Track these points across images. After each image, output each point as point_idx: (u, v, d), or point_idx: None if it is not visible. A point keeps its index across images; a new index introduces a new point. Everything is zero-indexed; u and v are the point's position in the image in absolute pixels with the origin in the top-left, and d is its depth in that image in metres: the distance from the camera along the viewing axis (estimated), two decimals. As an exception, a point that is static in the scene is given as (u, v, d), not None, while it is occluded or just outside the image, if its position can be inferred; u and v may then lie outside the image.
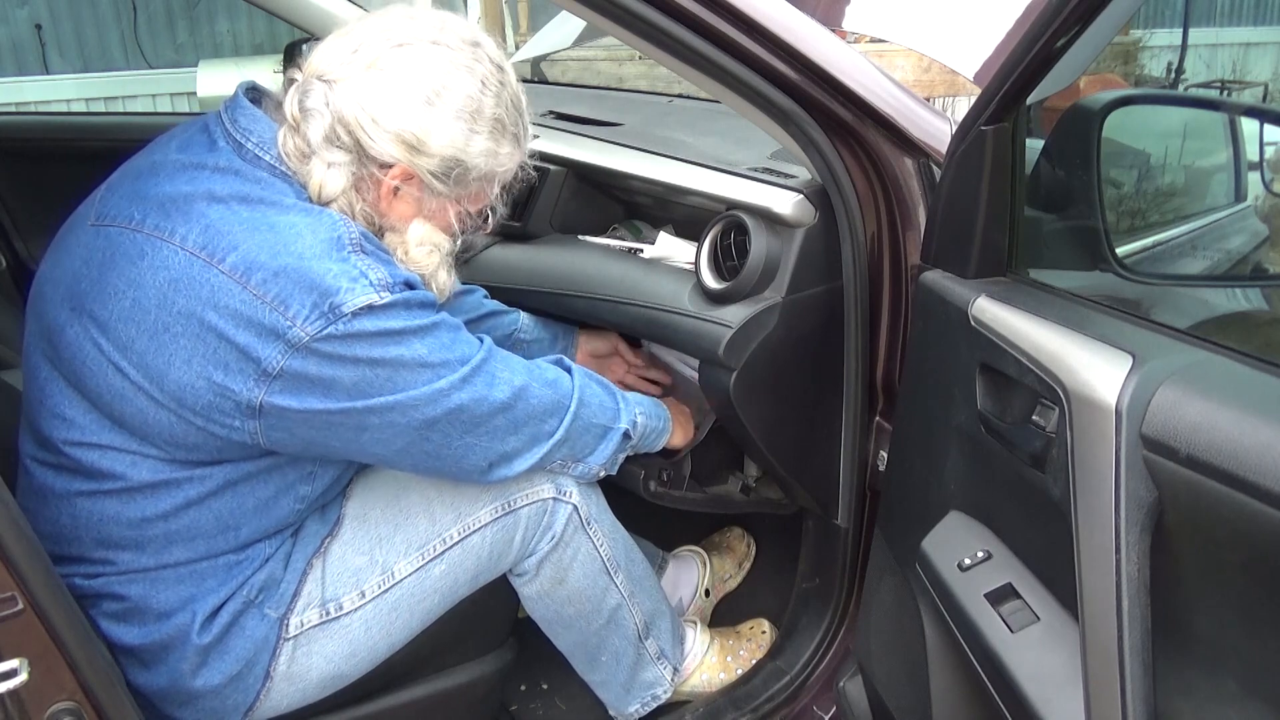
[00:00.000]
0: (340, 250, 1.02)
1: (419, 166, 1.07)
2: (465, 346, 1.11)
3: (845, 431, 1.43)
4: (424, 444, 1.10)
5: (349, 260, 1.01)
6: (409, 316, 1.04)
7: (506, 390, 1.14)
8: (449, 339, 1.09)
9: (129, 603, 1.09)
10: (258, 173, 1.06)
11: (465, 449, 1.13)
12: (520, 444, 1.19)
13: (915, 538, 1.12)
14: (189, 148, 1.08)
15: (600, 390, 1.30)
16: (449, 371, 1.08)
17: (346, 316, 0.99)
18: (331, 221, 1.04)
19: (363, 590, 1.19)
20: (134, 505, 1.06)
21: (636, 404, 1.36)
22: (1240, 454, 0.68)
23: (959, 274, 1.09)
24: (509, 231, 1.76)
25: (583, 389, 1.26)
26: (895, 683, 1.25)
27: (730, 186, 1.44)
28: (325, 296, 0.99)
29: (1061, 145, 1.19)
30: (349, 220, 1.06)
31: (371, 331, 1.01)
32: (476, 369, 1.11)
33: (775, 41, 1.17)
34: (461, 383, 1.08)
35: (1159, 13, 7.07)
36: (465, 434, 1.12)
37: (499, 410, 1.13)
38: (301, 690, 1.17)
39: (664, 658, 1.49)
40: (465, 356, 1.10)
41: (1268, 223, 1.44)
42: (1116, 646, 0.78)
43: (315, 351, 0.99)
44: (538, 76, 2.89)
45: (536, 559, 1.30)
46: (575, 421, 1.24)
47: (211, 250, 0.99)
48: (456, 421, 1.10)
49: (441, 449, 1.11)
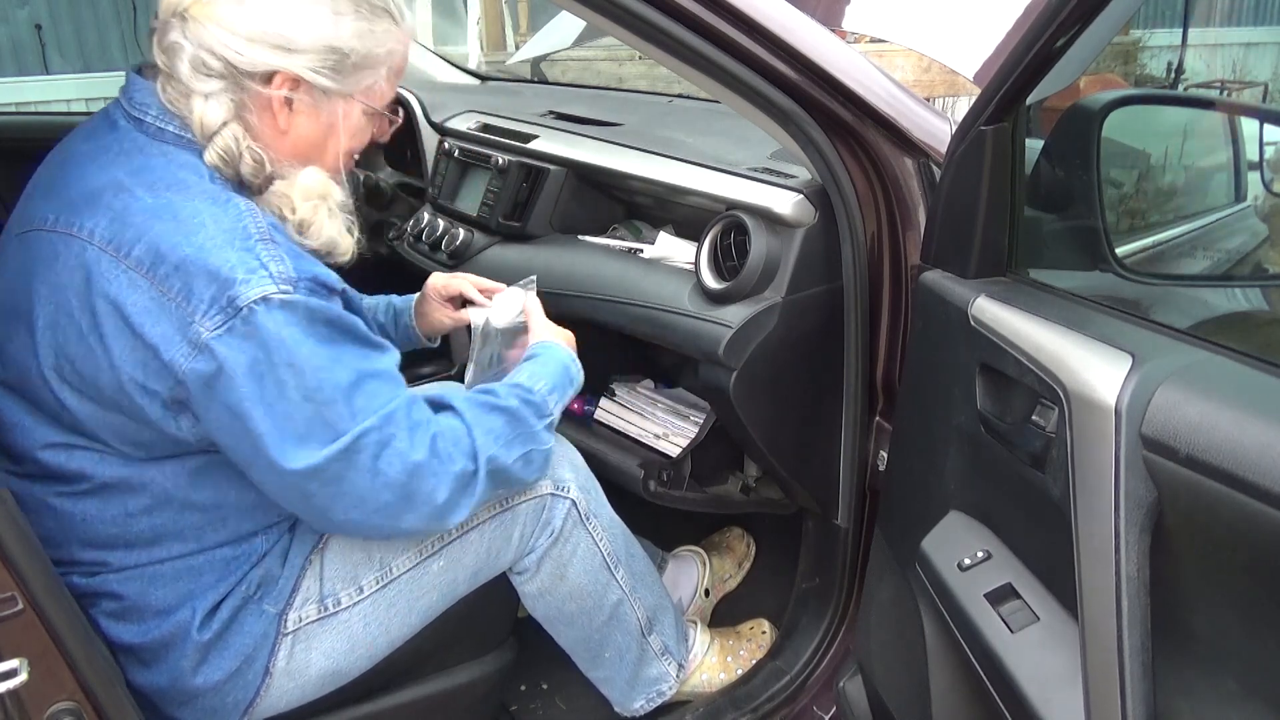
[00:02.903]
0: (245, 240, 0.98)
1: (298, 66, 1.03)
2: (376, 391, 1.02)
3: (845, 431, 1.43)
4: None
5: (252, 250, 0.97)
6: (307, 322, 0.98)
7: (397, 465, 1.03)
8: (354, 361, 1.02)
9: (126, 601, 1.09)
10: (163, 148, 1.03)
11: (348, 504, 1.04)
12: (418, 522, 1.08)
13: (915, 538, 1.12)
14: (93, 136, 1.06)
15: (494, 419, 1.14)
16: (330, 411, 0.99)
17: (243, 310, 0.95)
18: (238, 211, 1.00)
19: (361, 585, 1.19)
20: (112, 503, 1.06)
21: (541, 380, 1.21)
22: (1240, 454, 0.68)
23: (959, 274, 1.09)
24: (509, 231, 1.76)
25: (484, 453, 1.10)
26: (895, 683, 1.25)
27: (730, 186, 1.45)
28: (224, 289, 0.95)
29: (1061, 145, 1.19)
30: (256, 210, 1.01)
31: (266, 329, 0.96)
32: (385, 419, 1.02)
33: (775, 41, 1.17)
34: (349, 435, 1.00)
35: (1159, 13, 7.07)
36: (345, 490, 1.03)
37: (384, 487, 1.03)
38: (301, 687, 1.17)
39: (668, 653, 1.49)
40: (373, 403, 1.01)
41: (1268, 223, 1.44)
42: (1116, 646, 0.78)
43: (215, 348, 0.96)
44: (538, 76, 2.89)
45: (536, 556, 1.30)
46: (490, 486, 1.12)
47: (119, 243, 0.97)
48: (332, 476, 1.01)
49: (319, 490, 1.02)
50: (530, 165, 1.74)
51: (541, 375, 1.21)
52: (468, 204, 1.87)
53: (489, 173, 1.81)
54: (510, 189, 1.75)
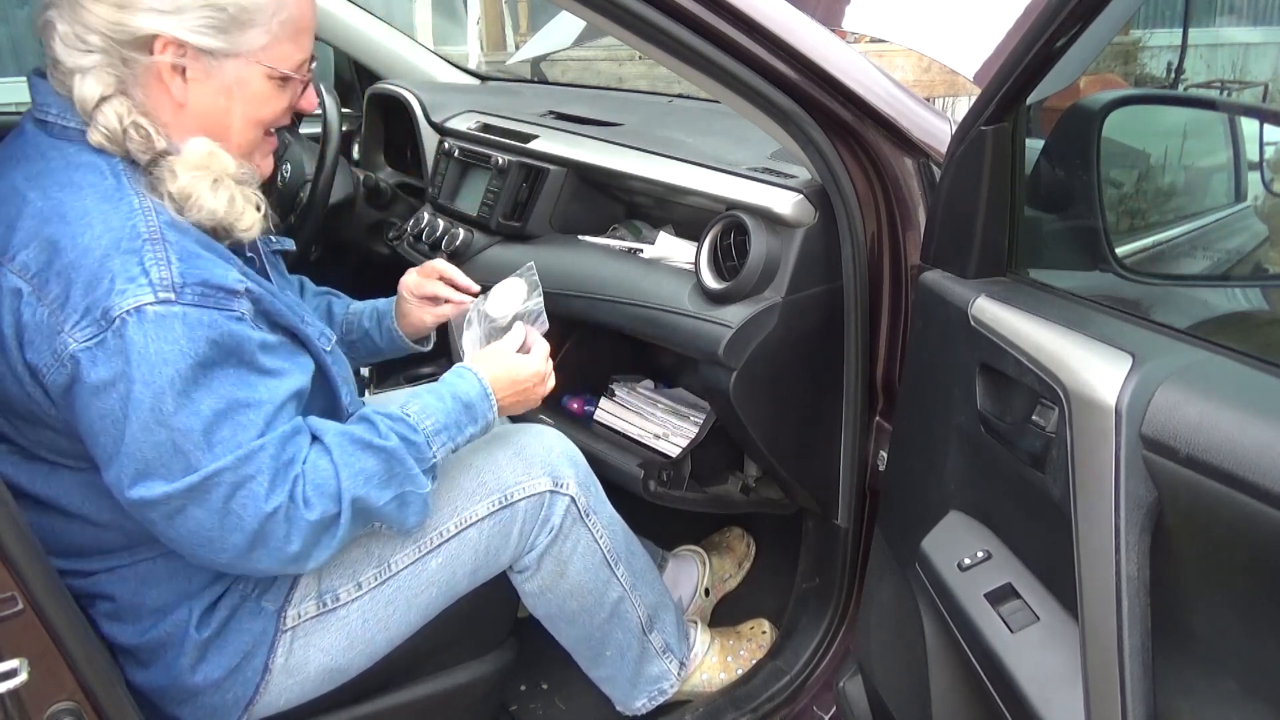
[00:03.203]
0: (132, 240, 0.93)
1: (176, 28, 0.96)
2: (246, 424, 0.96)
3: (845, 431, 1.43)
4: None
5: (137, 252, 0.92)
6: (185, 338, 0.92)
7: (250, 509, 0.97)
8: (227, 389, 0.95)
9: (120, 602, 1.09)
10: (64, 148, 0.99)
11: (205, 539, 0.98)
12: (271, 565, 1.02)
13: (915, 538, 1.12)
14: (5, 145, 1.04)
15: (368, 459, 1.05)
16: (186, 441, 0.93)
17: (115, 322, 0.91)
18: (129, 209, 0.95)
19: (359, 582, 1.19)
20: (74, 520, 1.04)
21: (430, 418, 1.11)
22: (1240, 454, 0.68)
23: (959, 274, 1.09)
24: (509, 231, 1.76)
25: (349, 494, 1.03)
26: (895, 683, 1.25)
27: (730, 186, 1.45)
28: (100, 299, 0.91)
29: (1061, 145, 1.19)
30: (151, 208, 0.96)
31: (134, 344, 0.91)
32: (243, 459, 0.96)
33: (775, 41, 1.17)
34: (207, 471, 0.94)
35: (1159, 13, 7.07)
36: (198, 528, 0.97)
37: (234, 529, 0.97)
38: (300, 684, 1.17)
39: (669, 651, 1.48)
40: (236, 439, 0.95)
41: (1268, 223, 1.44)
42: (1116, 646, 0.78)
43: (81, 359, 0.91)
44: (538, 76, 2.89)
45: (536, 553, 1.30)
46: (355, 526, 1.06)
47: (5, 248, 0.94)
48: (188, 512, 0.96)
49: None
50: (530, 165, 1.74)
51: (433, 411, 1.12)
52: (468, 204, 1.87)
53: (489, 173, 1.81)
54: (510, 189, 1.75)
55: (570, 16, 1.88)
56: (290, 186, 2.00)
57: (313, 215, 1.92)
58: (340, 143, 1.93)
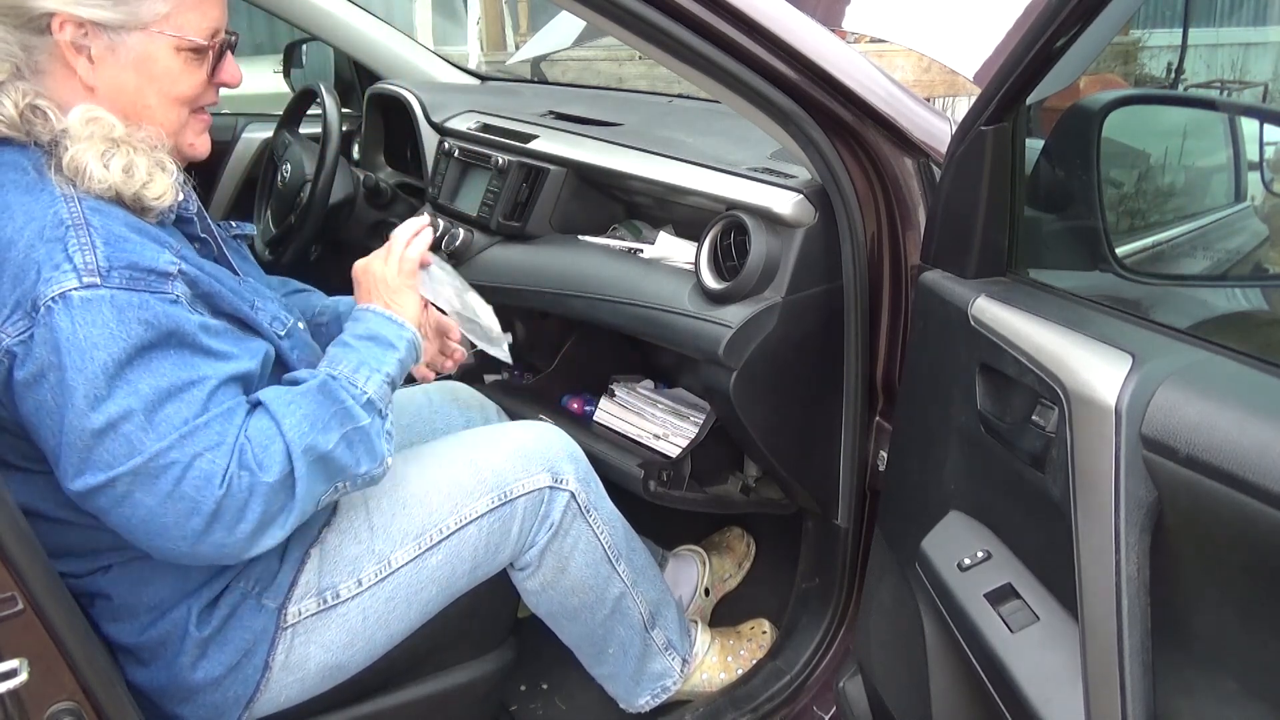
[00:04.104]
0: (56, 228, 0.92)
1: (76, 5, 0.94)
2: (190, 402, 0.94)
3: (845, 431, 1.43)
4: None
5: (61, 240, 0.91)
6: (115, 321, 0.91)
7: (205, 489, 0.94)
8: (165, 369, 0.93)
9: (117, 601, 1.09)
10: None
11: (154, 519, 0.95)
12: (235, 545, 0.98)
13: (915, 538, 1.12)
14: None
15: (305, 403, 1.02)
16: (127, 424, 0.91)
17: (41, 311, 0.90)
18: (51, 197, 0.93)
19: (360, 579, 1.19)
20: (59, 525, 1.03)
21: (342, 363, 1.09)
22: (1240, 454, 0.68)
23: (959, 274, 1.09)
24: (509, 231, 1.76)
25: (292, 437, 0.99)
26: (895, 683, 1.25)
27: (730, 186, 1.45)
28: (27, 291, 0.90)
29: (1061, 145, 1.19)
30: (74, 195, 0.94)
31: (61, 330, 0.89)
32: (186, 436, 0.93)
33: (775, 41, 1.17)
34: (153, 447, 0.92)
35: (1159, 13, 7.07)
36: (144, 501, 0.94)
37: (191, 512, 0.95)
38: (301, 681, 1.17)
39: (671, 648, 1.48)
40: (177, 418, 0.93)
41: (1268, 223, 1.44)
42: (1116, 646, 0.78)
43: (17, 352, 0.91)
44: (538, 76, 2.89)
45: (537, 550, 1.30)
46: (314, 479, 1.02)
47: None
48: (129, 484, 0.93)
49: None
50: (530, 165, 1.74)
51: (340, 359, 1.09)
52: (468, 204, 1.86)
53: (489, 173, 1.81)
54: (510, 189, 1.75)
55: (570, 16, 1.88)
56: (290, 186, 2.00)
57: (313, 215, 1.92)
58: (340, 143, 1.94)
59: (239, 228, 1.25)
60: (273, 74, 2.61)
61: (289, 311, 1.20)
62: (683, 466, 1.59)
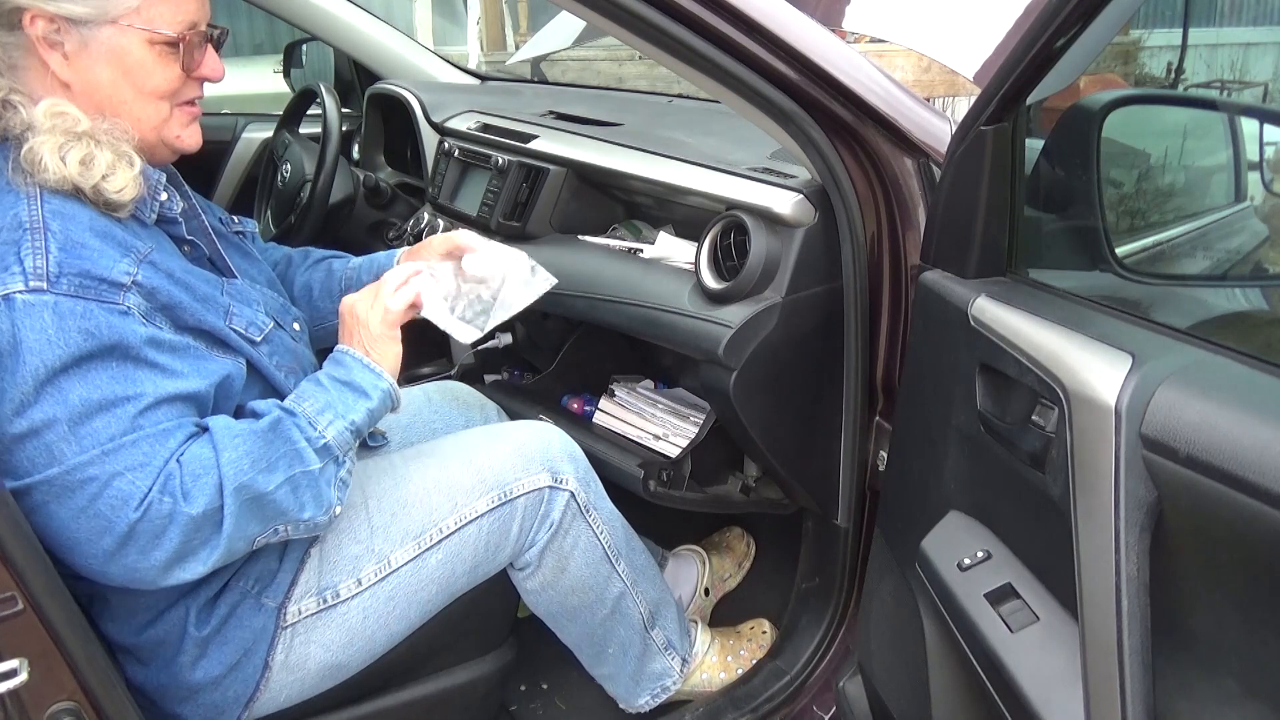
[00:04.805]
0: (13, 230, 0.91)
1: (49, 2, 0.94)
2: (120, 418, 0.92)
3: (845, 431, 1.43)
4: None
5: (15, 242, 0.91)
6: (55, 328, 0.89)
7: (121, 510, 0.91)
8: (101, 382, 0.91)
9: (114, 602, 1.09)
10: None
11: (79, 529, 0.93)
12: (151, 572, 0.96)
13: (915, 538, 1.12)
14: None
15: (252, 441, 0.99)
16: (50, 433, 0.89)
17: None
18: (14, 198, 0.93)
19: (359, 578, 1.19)
20: None
21: (309, 400, 1.06)
22: (1240, 454, 0.68)
23: (959, 274, 1.09)
24: (509, 231, 1.76)
25: (228, 466, 0.96)
26: (895, 683, 1.25)
27: (730, 186, 1.45)
28: None
29: (1061, 145, 1.19)
30: (36, 195, 0.93)
31: (1, 332, 0.88)
32: (109, 452, 0.91)
33: (775, 41, 1.17)
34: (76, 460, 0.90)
35: (1159, 13, 7.07)
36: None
37: (103, 531, 0.92)
38: (300, 680, 1.17)
39: (671, 648, 1.49)
40: (103, 433, 0.91)
41: (1268, 223, 1.44)
42: (1116, 646, 0.78)
43: None
44: (538, 76, 2.90)
45: (537, 550, 1.30)
46: (244, 519, 0.99)
47: None
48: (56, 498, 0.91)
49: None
50: (530, 165, 1.74)
51: (309, 395, 1.07)
52: (468, 204, 1.87)
53: (489, 173, 1.81)
54: (510, 189, 1.75)
55: (570, 16, 1.88)
56: (290, 186, 2.00)
57: (313, 215, 1.92)
58: (340, 143, 1.94)
59: (241, 224, 1.24)
60: (273, 74, 2.61)
61: (279, 313, 1.19)
62: (683, 466, 1.59)
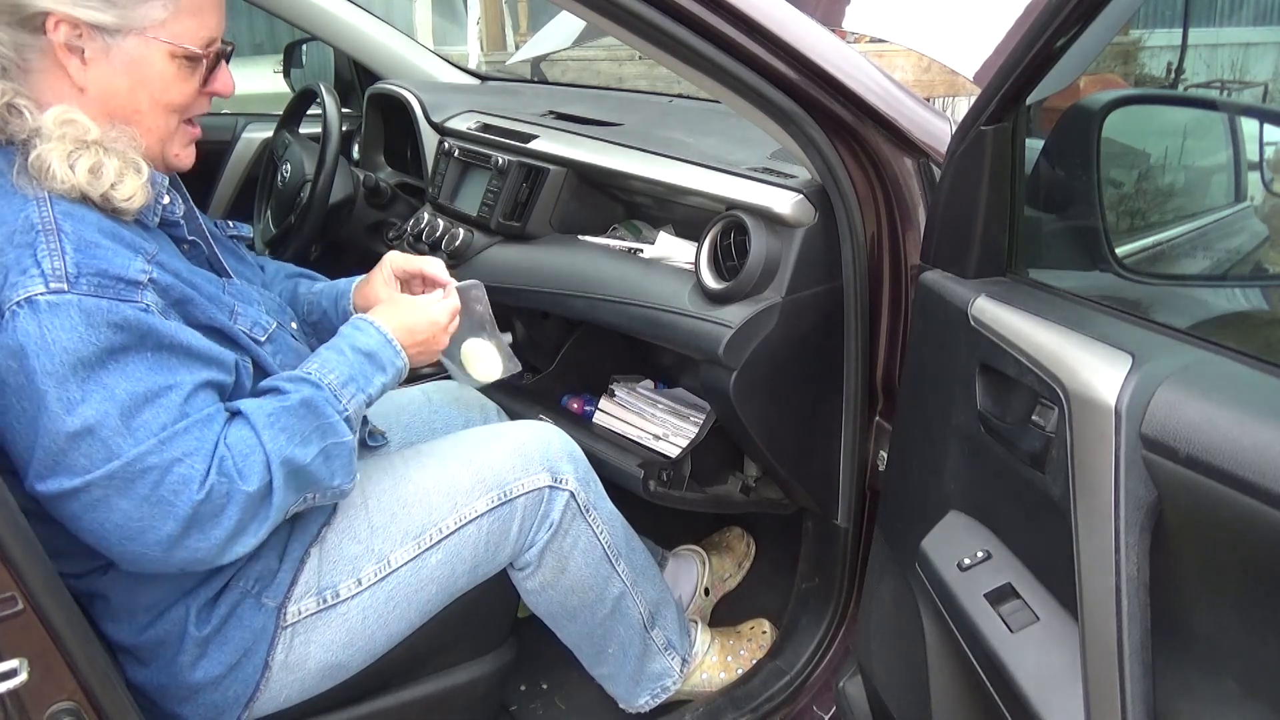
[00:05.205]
0: (26, 233, 0.91)
1: (72, 6, 0.94)
2: (168, 407, 0.94)
3: (845, 431, 1.43)
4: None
5: (31, 245, 0.91)
6: (84, 326, 0.90)
7: (183, 493, 0.94)
8: (141, 373, 0.93)
9: (115, 601, 1.09)
10: None
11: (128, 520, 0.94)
12: (209, 551, 0.99)
13: (915, 538, 1.12)
14: None
15: (286, 418, 1.03)
16: (103, 428, 0.90)
17: (5, 315, 0.89)
18: (23, 201, 0.93)
19: (359, 578, 1.19)
20: (53, 524, 1.00)
21: (333, 373, 1.09)
22: (1240, 454, 0.68)
23: (959, 274, 1.09)
24: (509, 231, 1.76)
25: (272, 449, 1.00)
26: (895, 683, 1.25)
27: (730, 186, 1.45)
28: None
29: (1061, 145, 1.19)
30: (46, 198, 0.94)
31: (27, 334, 0.89)
32: (165, 441, 0.93)
33: (775, 41, 1.17)
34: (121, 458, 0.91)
35: (1159, 13, 7.07)
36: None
37: (167, 516, 0.94)
38: (300, 680, 1.17)
39: (671, 648, 1.49)
40: (155, 423, 0.92)
41: (1268, 223, 1.44)
42: (1116, 646, 0.78)
43: None
44: (538, 76, 2.90)
45: (537, 549, 1.30)
46: (290, 491, 1.03)
47: None
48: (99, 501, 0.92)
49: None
50: (530, 165, 1.74)
51: (334, 366, 1.09)
52: (468, 204, 1.86)
53: (489, 173, 1.81)
54: (510, 189, 1.75)
55: (570, 16, 1.88)
56: (290, 186, 2.00)
57: (313, 215, 1.92)
58: (340, 143, 1.94)
59: (236, 228, 1.24)
60: (273, 74, 2.61)
61: (278, 313, 1.20)
62: (683, 466, 1.59)
